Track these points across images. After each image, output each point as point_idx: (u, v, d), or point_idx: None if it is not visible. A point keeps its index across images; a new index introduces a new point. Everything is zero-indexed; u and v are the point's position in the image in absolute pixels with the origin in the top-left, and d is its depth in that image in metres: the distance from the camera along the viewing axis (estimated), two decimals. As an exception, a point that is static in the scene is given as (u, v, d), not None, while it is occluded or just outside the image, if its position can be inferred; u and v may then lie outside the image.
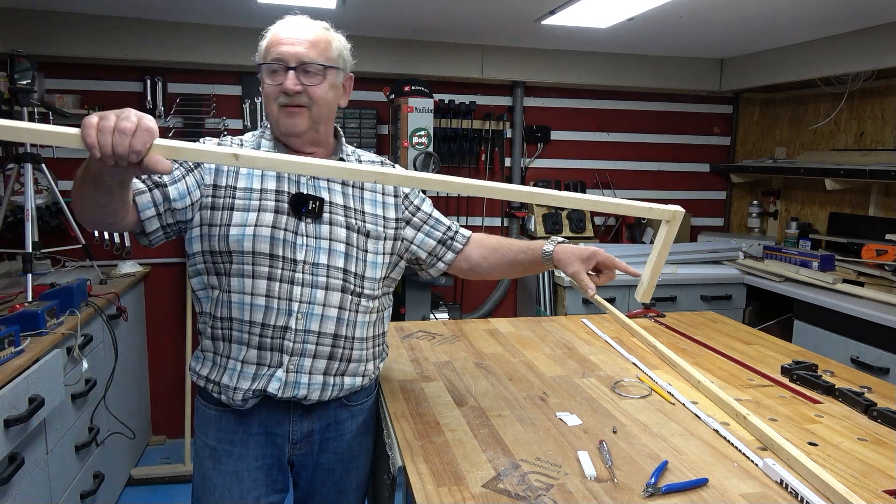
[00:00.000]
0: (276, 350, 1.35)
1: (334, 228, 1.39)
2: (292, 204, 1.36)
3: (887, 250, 2.90)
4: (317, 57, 1.35)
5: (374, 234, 1.45)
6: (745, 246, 3.66)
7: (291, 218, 1.36)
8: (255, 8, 2.83)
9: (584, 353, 1.90)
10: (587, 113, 4.00)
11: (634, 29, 3.07)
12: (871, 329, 2.58)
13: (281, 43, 1.36)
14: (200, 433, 1.47)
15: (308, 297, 1.36)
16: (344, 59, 1.44)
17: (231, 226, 1.34)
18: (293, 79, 1.33)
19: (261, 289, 1.34)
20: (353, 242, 1.41)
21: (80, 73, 3.29)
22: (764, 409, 1.50)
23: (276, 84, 1.35)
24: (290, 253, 1.35)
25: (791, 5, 2.64)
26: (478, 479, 1.15)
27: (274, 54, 1.35)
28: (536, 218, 3.79)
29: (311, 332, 1.36)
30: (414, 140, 3.11)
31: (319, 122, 1.39)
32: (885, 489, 1.14)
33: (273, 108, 1.37)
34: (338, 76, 1.41)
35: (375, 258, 1.45)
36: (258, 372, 1.36)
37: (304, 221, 1.37)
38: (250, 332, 1.35)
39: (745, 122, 4.21)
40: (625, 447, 1.29)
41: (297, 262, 1.35)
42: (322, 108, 1.38)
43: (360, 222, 1.43)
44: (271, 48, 1.37)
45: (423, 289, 3.10)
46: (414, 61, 3.54)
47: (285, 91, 1.33)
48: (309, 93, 1.35)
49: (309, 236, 1.37)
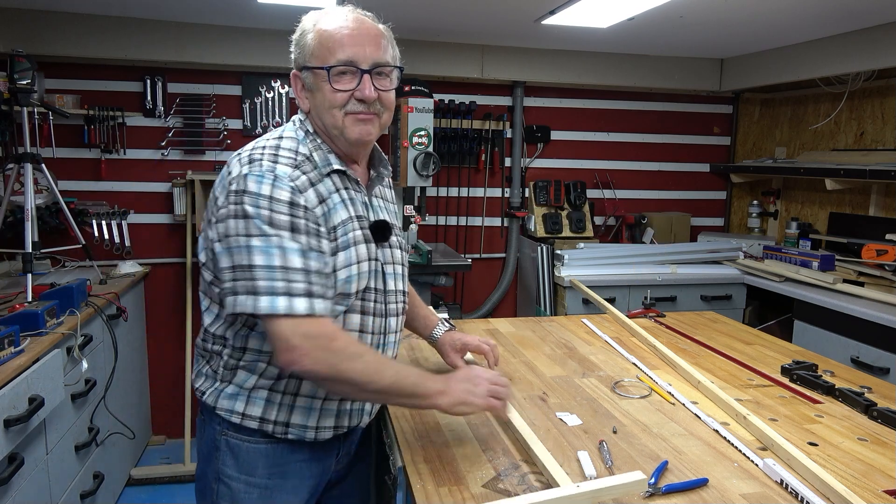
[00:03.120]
0: None
1: (395, 252, 1.33)
2: (376, 232, 1.27)
3: (887, 250, 2.90)
4: (386, 56, 1.24)
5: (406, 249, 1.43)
6: (745, 246, 3.66)
7: (374, 246, 1.27)
8: (255, 8, 2.83)
9: (584, 353, 1.90)
10: (587, 113, 4.00)
11: (634, 29, 3.07)
12: (871, 329, 2.58)
13: (348, 43, 1.20)
14: (242, 473, 1.25)
15: (394, 327, 1.34)
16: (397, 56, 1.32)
17: (338, 270, 1.19)
18: (370, 85, 1.20)
19: (354, 324, 1.24)
20: (405, 261, 1.39)
21: (80, 73, 3.29)
22: (764, 409, 1.50)
23: (346, 90, 1.20)
24: (381, 283, 1.28)
25: (791, 5, 2.64)
26: (478, 479, 1.15)
27: (342, 56, 1.19)
28: (536, 218, 3.79)
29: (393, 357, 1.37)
30: (414, 140, 3.11)
31: (384, 129, 1.30)
32: (885, 489, 1.14)
33: (337, 115, 1.21)
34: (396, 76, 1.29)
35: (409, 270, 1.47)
36: (343, 407, 1.27)
37: (382, 248, 1.29)
38: None
39: (745, 122, 4.21)
40: (625, 447, 1.29)
41: (388, 292, 1.29)
42: (391, 113, 1.29)
43: (401, 239, 1.39)
44: (335, 48, 1.19)
45: (423, 289, 3.10)
46: (414, 61, 3.54)
47: (363, 99, 1.20)
48: (382, 98, 1.24)
49: (387, 263, 1.30)
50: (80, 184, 3.33)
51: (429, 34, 3.43)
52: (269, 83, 3.51)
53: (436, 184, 3.77)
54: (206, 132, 3.44)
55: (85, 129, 3.25)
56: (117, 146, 3.32)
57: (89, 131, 3.26)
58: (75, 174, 3.32)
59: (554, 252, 3.49)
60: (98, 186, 3.36)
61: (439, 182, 3.80)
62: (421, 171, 3.11)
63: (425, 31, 3.34)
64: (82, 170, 3.34)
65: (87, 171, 3.35)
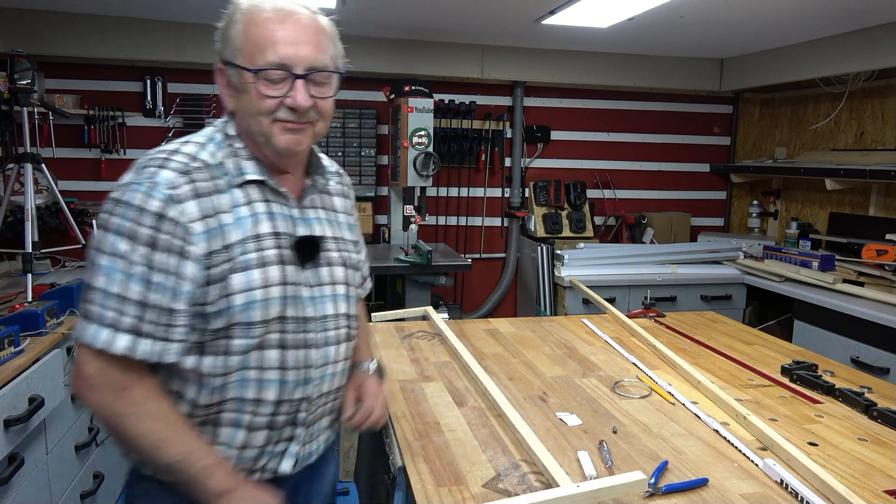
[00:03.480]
0: (289, 425, 1.13)
1: (334, 269, 1.17)
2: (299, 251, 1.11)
3: (887, 250, 2.90)
4: (326, 60, 1.07)
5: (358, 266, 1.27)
6: (745, 246, 3.66)
7: (296, 267, 1.10)
8: (255, 8, 2.83)
9: (584, 353, 1.90)
10: (587, 113, 4.00)
11: (634, 29, 3.07)
12: (871, 329, 2.58)
13: (281, 41, 1.03)
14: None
15: (323, 359, 1.15)
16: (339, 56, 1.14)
17: (231, 295, 1.03)
18: (304, 92, 1.04)
19: (272, 361, 1.08)
20: (348, 280, 1.21)
21: (80, 73, 3.29)
22: (764, 409, 1.50)
23: (275, 96, 1.03)
24: (301, 311, 1.10)
25: (791, 5, 2.64)
26: (478, 479, 1.15)
27: (272, 57, 1.02)
28: (536, 218, 3.79)
29: (324, 394, 1.18)
30: (414, 140, 3.11)
31: (318, 139, 1.15)
32: (885, 489, 1.14)
33: (264, 122, 1.05)
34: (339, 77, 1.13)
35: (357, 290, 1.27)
36: (263, 453, 1.12)
37: (305, 269, 1.12)
38: (256, 413, 1.08)
39: (745, 122, 4.21)
40: (625, 447, 1.29)
41: (309, 319, 1.12)
42: (328, 122, 1.13)
43: (346, 254, 1.22)
44: (264, 46, 1.03)
45: (423, 289, 3.10)
46: (414, 61, 3.54)
47: (295, 108, 1.04)
48: (318, 107, 1.07)
49: (313, 285, 1.13)
50: (80, 184, 3.33)
51: (429, 34, 3.43)
52: (269, 83, 3.51)
53: (436, 184, 3.77)
54: (206, 132, 3.44)
55: (85, 129, 3.25)
56: (117, 146, 3.32)
57: (89, 131, 3.26)
58: (75, 174, 3.33)
59: (554, 252, 3.49)
60: (98, 186, 3.37)
61: (439, 182, 3.80)
62: (421, 171, 3.11)
63: (425, 31, 3.35)
64: (82, 170, 3.34)
65: (87, 171, 3.35)
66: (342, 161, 3.59)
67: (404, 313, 2.26)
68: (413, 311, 2.27)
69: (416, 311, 2.25)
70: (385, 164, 3.69)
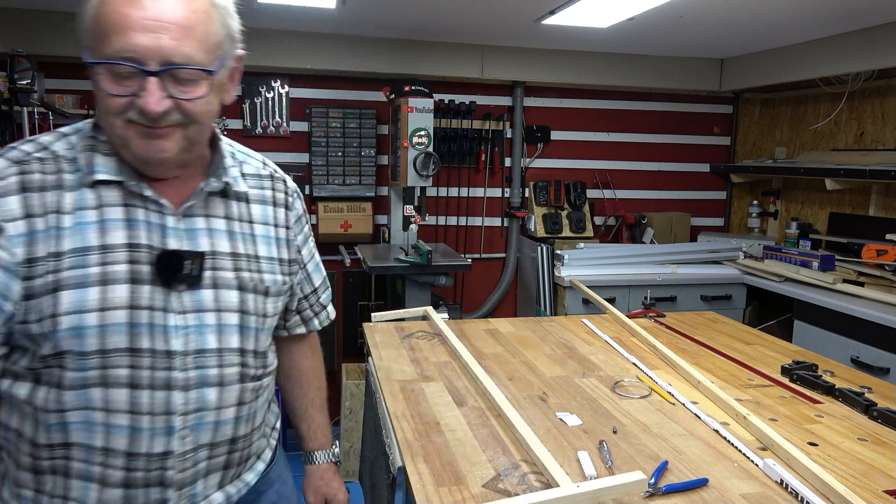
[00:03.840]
0: (155, 485, 0.93)
1: (222, 293, 0.97)
2: (160, 268, 0.91)
3: (887, 250, 2.90)
4: (194, 51, 0.85)
5: (274, 291, 1.06)
6: (745, 246, 3.66)
7: (158, 289, 0.91)
8: (255, 8, 2.83)
9: (584, 353, 1.90)
10: (587, 113, 4.00)
11: (634, 29, 3.07)
12: (871, 329, 2.58)
13: (132, 25, 0.81)
14: None
15: (195, 404, 0.94)
16: (231, 37, 0.93)
17: (58, 316, 0.85)
18: (158, 94, 0.84)
19: (120, 402, 0.89)
20: (249, 308, 1.01)
21: (80, 73, 3.28)
22: (764, 409, 1.50)
23: (123, 95, 0.84)
24: (161, 342, 0.91)
25: (791, 5, 2.64)
26: (478, 479, 1.15)
27: (118, 45, 0.81)
28: (536, 218, 3.79)
29: (202, 447, 0.97)
30: (414, 140, 3.11)
31: (196, 143, 0.94)
32: (885, 489, 1.14)
33: (116, 123, 0.86)
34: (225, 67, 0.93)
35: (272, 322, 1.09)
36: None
37: (176, 291, 0.93)
38: (106, 465, 0.90)
39: (745, 122, 4.21)
40: (625, 447, 1.29)
41: (173, 354, 0.92)
42: (204, 125, 0.93)
43: (257, 275, 1.02)
44: (109, 32, 0.82)
45: (423, 289, 3.10)
46: (414, 61, 3.54)
47: (144, 112, 0.84)
48: (184, 109, 0.87)
49: (187, 312, 0.93)
50: (80, 184, 3.33)
51: (429, 34, 3.43)
52: (269, 83, 3.51)
53: (436, 184, 3.77)
54: (206, 132, 3.44)
55: (85, 129, 3.25)
56: (117, 146, 3.32)
57: (89, 131, 3.26)
58: None
59: (554, 252, 3.49)
60: (98, 186, 3.37)
61: (439, 182, 3.80)
62: (421, 171, 3.11)
63: (425, 31, 3.34)
64: (82, 170, 3.34)
65: (87, 171, 3.35)
66: (342, 161, 3.59)
67: (404, 313, 2.26)
68: (413, 311, 2.27)
69: (416, 311, 2.25)
70: (385, 164, 3.69)
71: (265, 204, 1.08)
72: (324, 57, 3.41)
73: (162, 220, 0.94)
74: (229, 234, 1.01)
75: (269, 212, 1.08)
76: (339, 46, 3.41)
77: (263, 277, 1.03)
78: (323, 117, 3.54)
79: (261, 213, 1.06)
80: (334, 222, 3.59)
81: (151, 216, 0.93)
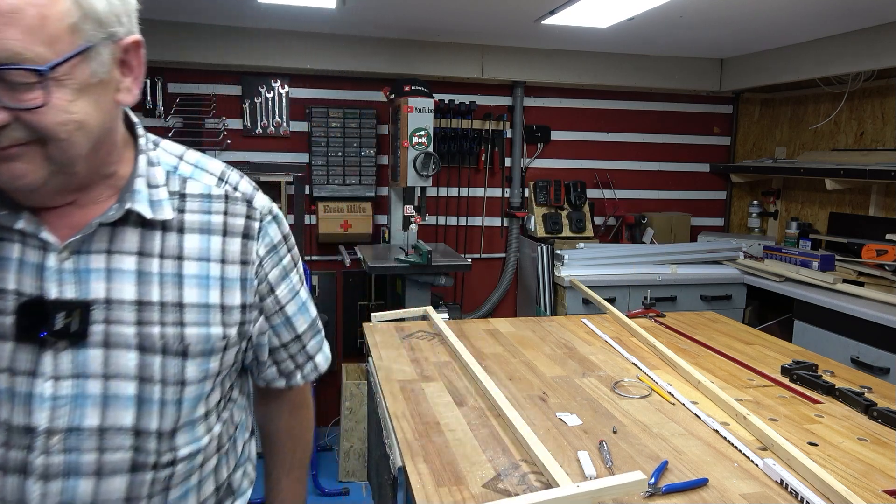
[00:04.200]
0: None
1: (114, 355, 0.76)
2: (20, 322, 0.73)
3: (887, 250, 2.90)
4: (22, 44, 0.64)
5: (198, 350, 0.81)
6: (745, 246, 3.66)
7: (25, 346, 0.73)
8: (255, 8, 2.83)
9: (584, 353, 1.90)
10: (587, 113, 4.00)
11: (634, 29, 3.07)
12: (871, 329, 2.58)
13: None
14: None
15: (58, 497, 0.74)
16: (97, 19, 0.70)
17: None
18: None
19: None
20: (153, 374, 0.78)
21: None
22: (764, 409, 1.50)
23: None
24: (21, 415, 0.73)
25: (791, 5, 2.64)
26: (478, 479, 1.15)
27: None
28: (536, 218, 3.79)
29: None
30: (414, 140, 3.11)
31: (71, 164, 0.72)
32: (885, 489, 1.14)
33: None
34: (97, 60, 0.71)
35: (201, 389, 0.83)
36: None
37: (50, 350, 0.74)
38: None
39: (745, 122, 4.21)
40: (625, 447, 1.29)
41: (35, 431, 0.73)
42: (68, 141, 0.70)
43: (174, 329, 0.79)
44: None
45: (423, 289, 3.10)
46: (414, 61, 3.54)
47: None
48: (26, 122, 0.67)
49: (62, 378, 0.74)
50: (80, 184, 3.33)
51: (429, 34, 3.43)
52: (269, 83, 3.51)
53: (436, 184, 3.77)
54: (206, 132, 3.44)
55: (85, 129, 3.25)
56: (117, 146, 3.32)
57: (89, 131, 3.26)
58: None
59: (554, 252, 3.49)
60: (98, 186, 3.37)
61: (439, 182, 3.80)
62: (421, 171, 3.11)
63: (425, 31, 3.34)
64: (82, 170, 3.34)
65: (87, 171, 3.35)
66: (342, 161, 3.59)
67: (404, 313, 2.26)
68: (413, 311, 2.27)
69: (416, 311, 2.25)
70: (385, 164, 3.69)
71: (210, 234, 0.84)
72: (324, 57, 3.41)
73: (41, 260, 0.74)
74: (140, 275, 0.78)
75: (214, 244, 0.84)
76: (339, 46, 3.41)
77: (185, 333, 0.79)
78: (323, 117, 3.54)
79: (200, 246, 0.82)
80: (334, 222, 3.59)
81: (28, 254, 0.74)
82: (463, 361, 1.72)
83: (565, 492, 1.05)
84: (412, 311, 2.27)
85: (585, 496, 1.05)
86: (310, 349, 1.00)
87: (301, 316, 0.96)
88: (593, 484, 1.07)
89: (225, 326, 0.84)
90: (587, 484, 1.07)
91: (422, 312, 2.22)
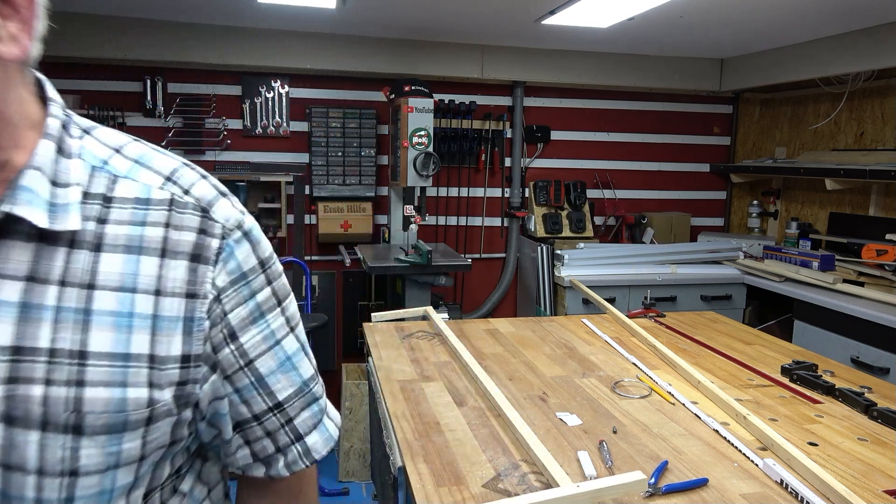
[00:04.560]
0: None
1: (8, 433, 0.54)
2: None
3: (887, 250, 2.90)
4: None
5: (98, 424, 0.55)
6: (745, 246, 3.66)
7: None
8: (255, 8, 2.83)
9: (584, 353, 1.90)
10: (587, 113, 4.00)
11: (634, 29, 3.07)
12: (871, 329, 2.58)
13: None
14: None
15: None
16: None
17: None
18: None
19: None
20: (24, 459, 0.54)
21: (80, 73, 3.29)
22: (764, 409, 1.50)
23: None
24: None
25: (791, 5, 2.64)
26: (478, 479, 1.15)
27: None
28: (536, 218, 3.79)
29: None
30: (414, 140, 3.11)
31: None
32: (885, 489, 1.14)
33: None
34: None
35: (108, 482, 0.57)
36: None
37: None
38: None
39: (745, 122, 4.21)
40: (625, 447, 1.29)
41: None
42: None
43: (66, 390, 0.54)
44: None
45: (423, 289, 3.10)
46: (414, 61, 3.54)
47: None
48: None
49: None
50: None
51: (429, 34, 3.43)
52: (269, 83, 3.51)
53: (436, 184, 3.77)
54: (206, 132, 3.44)
55: (85, 129, 3.25)
56: (117, 146, 3.32)
57: (89, 131, 3.26)
58: (75, 174, 3.32)
59: (554, 252, 3.49)
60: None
61: (439, 182, 3.80)
62: (421, 171, 3.11)
63: (425, 31, 3.34)
64: (82, 170, 3.34)
65: (87, 171, 3.34)
66: (342, 161, 3.59)
67: (404, 313, 2.26)
68: (413, 311, 2.27)
69: (416, 311, 2.25)
70: (385, 164, 3.69)
71: (140, 253, 0.59)
72: (324, 57, 3.41)
73: None
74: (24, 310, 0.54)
75: (145, 268, 0.59)
76: (339, 46, 3.41)
77: (84, 396, 0.54)
78: (323, 117, 3.54)
79: (123, 271, 0.58)
80: (334, 222, 3.59)
81: None
82: (463, 361, 1.72)
83: (565, 492, 1.05)
84: (412, 311, 2.27)
85: (585, 496, 1.05)
86: (299, 425, 0.69)
87: (283, 376, 0.67)
88: (593, 484, 1.07)
89: (152, 388, 0.57)
90: (587, 484, 1.07)
91: (422, 312, 2.22)
